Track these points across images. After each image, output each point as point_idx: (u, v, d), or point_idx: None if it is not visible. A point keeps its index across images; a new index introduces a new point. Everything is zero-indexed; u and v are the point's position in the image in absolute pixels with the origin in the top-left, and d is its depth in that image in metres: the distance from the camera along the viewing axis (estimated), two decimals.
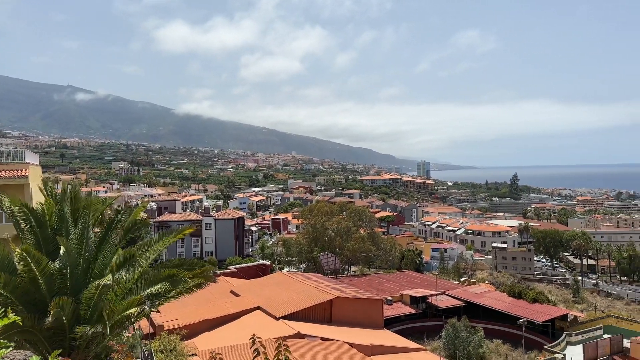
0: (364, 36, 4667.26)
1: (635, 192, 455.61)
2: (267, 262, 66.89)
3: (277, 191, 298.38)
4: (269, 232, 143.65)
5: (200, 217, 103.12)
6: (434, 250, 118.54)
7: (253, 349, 6.51)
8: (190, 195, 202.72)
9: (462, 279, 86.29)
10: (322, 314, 35.71)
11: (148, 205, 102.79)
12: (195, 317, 33.10)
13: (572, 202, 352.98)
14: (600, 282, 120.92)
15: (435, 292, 63.86)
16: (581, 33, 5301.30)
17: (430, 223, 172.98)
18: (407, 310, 61.95)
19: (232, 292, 41.28)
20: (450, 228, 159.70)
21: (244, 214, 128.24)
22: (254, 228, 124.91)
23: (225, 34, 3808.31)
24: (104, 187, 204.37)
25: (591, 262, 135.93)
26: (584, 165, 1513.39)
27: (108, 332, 12.50)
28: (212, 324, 32.94)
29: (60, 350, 8.10)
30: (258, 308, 35.44)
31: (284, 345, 6.50)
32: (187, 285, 13.70)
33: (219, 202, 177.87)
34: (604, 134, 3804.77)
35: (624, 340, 42.92)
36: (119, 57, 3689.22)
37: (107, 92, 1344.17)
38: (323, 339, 29.24)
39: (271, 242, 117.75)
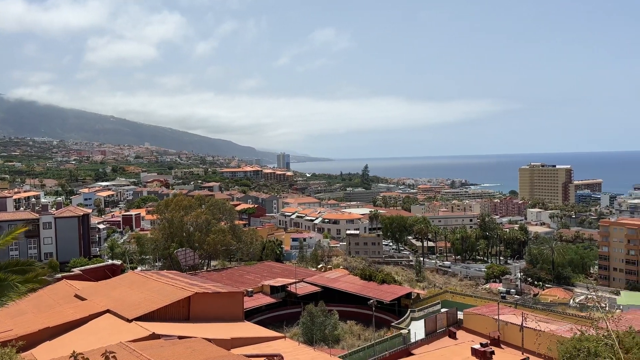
0: (225, 26, 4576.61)
1: (467, 180, 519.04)
2: (118, 262, 62.61)
3: (128, 185, 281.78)
4: (119, 230, 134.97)
5: (37, 215, 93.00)
6: (294, 239, 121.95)
7: None
8: (25, 191, 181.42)
9: (319, 266, 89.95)
10: (179, 311, 34.53)
11: None
12: (34, 326, 29.90)
13: (414, 191, 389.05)
14: (439, 261, 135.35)
15: (295, 280, 65.66)
16: (422, 36, 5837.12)
17: (290, 214, 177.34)
18: (268, 300, 62.83)
19: (77, 296, 37.90)
20: (309, 218, 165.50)
21: (90, 210, 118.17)
22: (101, 226, 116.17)
23: (68, 13, 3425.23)
24: None
25: (431, 244, 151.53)
26: (425, 157, 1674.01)
27: None
28: (54, 332, 30.01)
29: None
30: (107, 311, 33.08)
31: (111, 355, 6.13)
32: (18, 291, 12.16)
33: (59, 198, 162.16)
34: (442, 129, 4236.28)
35: (458, 312, 48.47)
36: None
37: None
38: (181, 337, 28.32)
39: (122, 240, 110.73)
